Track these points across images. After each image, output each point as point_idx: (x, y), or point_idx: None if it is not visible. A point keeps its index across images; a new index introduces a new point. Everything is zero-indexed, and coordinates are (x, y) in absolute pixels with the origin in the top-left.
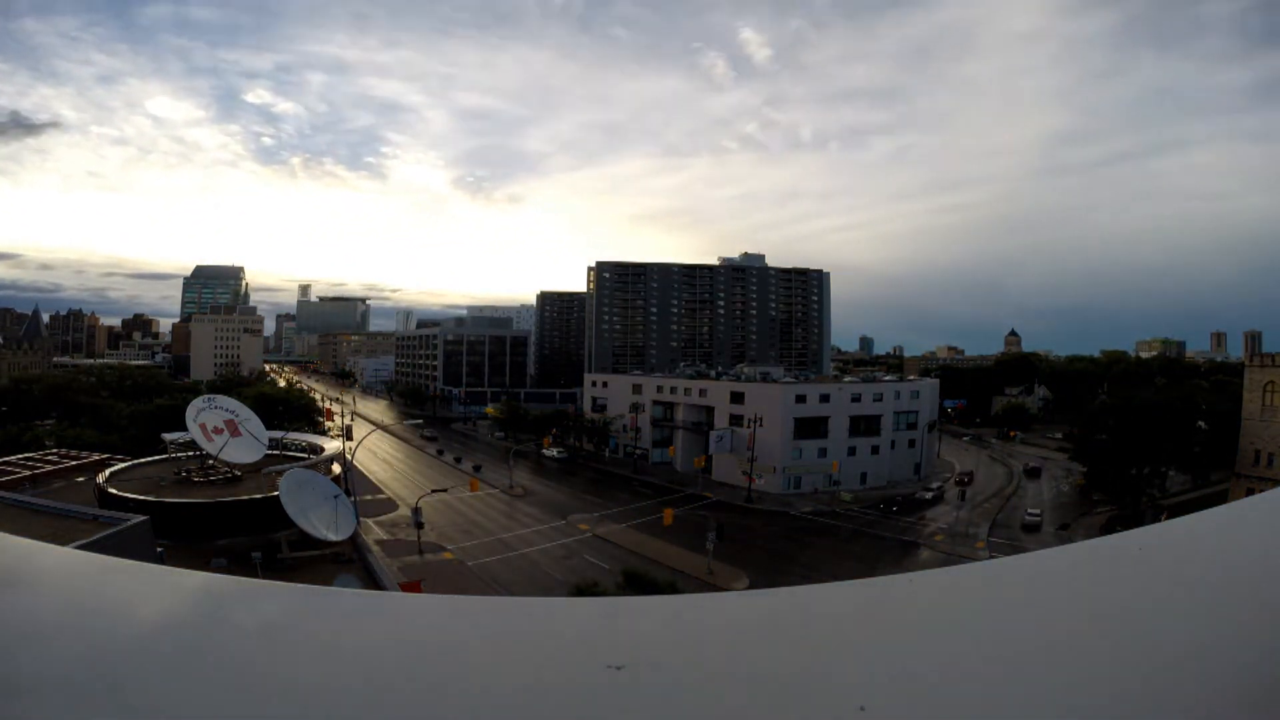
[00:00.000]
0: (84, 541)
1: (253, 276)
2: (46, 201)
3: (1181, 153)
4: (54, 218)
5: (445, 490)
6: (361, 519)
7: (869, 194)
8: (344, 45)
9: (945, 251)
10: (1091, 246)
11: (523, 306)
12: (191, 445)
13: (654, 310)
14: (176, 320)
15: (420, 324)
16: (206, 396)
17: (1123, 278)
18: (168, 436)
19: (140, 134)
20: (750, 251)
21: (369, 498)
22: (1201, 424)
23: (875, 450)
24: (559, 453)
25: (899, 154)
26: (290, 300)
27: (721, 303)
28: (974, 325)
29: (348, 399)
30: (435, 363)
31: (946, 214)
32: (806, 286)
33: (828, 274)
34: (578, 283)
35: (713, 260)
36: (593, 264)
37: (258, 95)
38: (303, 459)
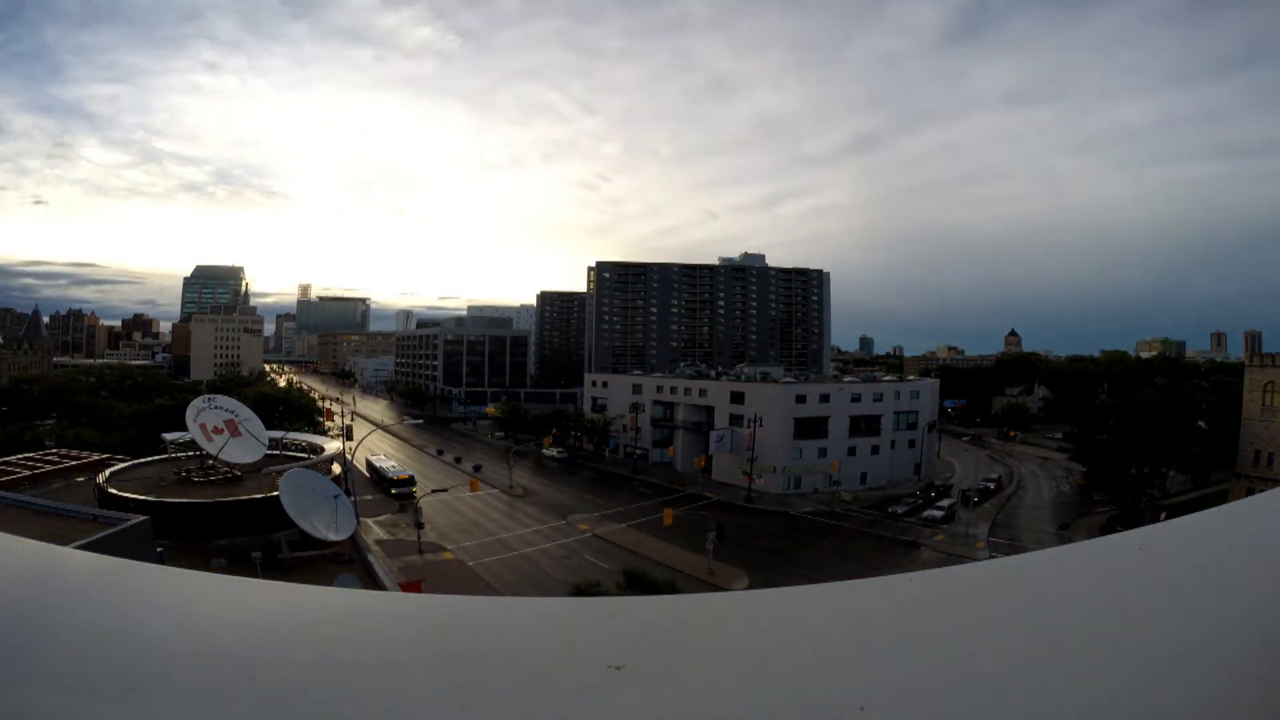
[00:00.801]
0: (84, 541)
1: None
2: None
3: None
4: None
5: (445, 490)
6: (361, 519)
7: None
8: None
9: (946, 251)
10: (1093, 246)
11: (523, 306)
12: (191, 445)
13: (654, 310)
14: (176, 320)
15: (420, 324)
16: (206, 396)
17: (1124, 277)
18: (168, 436)
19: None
20: (750, 251)
21: (369, 498)
22: (1201, 424)
23: (875, 450)
24: (559, 453)
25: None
26: (290, 300)
27: (721, 303)
28: (974, 325)
29: (348, 399)
30: (435, 363)
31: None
32: (806, 286)
33: (828, 274)
34: (576, 283)
35: (713, 260)
36: (593, 264)
37: None
38: (303, 459)
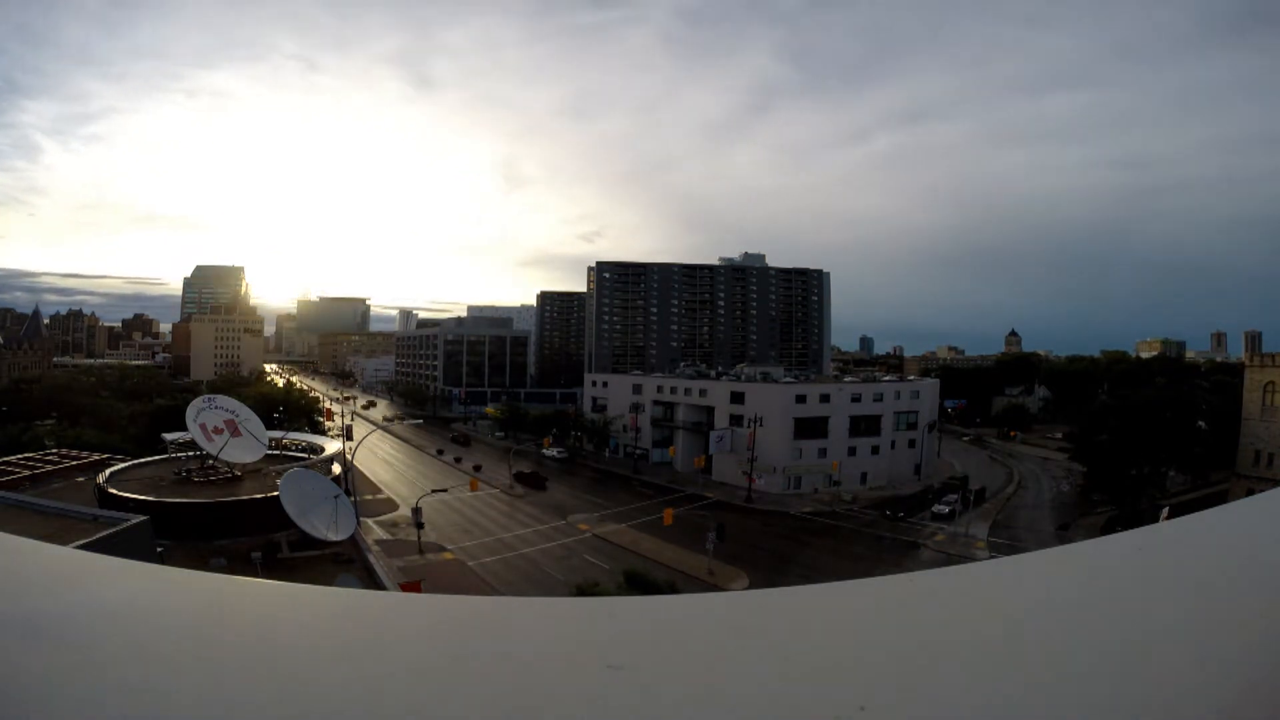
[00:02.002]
0: (84, 541)
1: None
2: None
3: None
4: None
5: (445, 490)
6: (361, 519)
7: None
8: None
9: (946, 251)
10: (1093, 245)
11: (523, 306)
12: (191, 445)
13: (654, 310)
14: (176, 320)
15: (420, 324)
16: (206, 396)
17: (1123, 277)
18: (168, 436)
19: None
20: (750, 251)
21: (369, 498)
22: (1201, 424)
23: (875, 450)
24: (559, 453)
25: (899, 154)
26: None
27: (721, 303)
28: (974, 325)
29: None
30: (435, 363)
31: (946, 212)
32: (806, 286)
33: (828, 274)
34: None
35: (713, 260)
36: (593, 264)
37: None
38: (303, 459)
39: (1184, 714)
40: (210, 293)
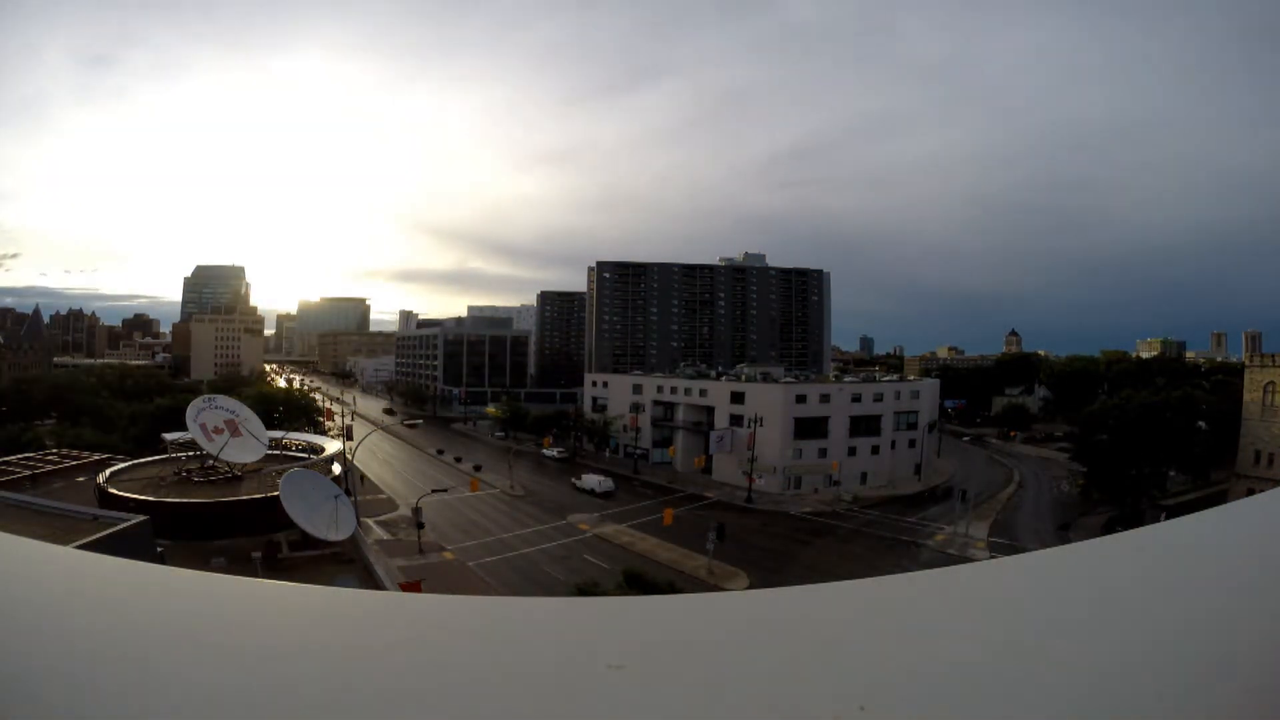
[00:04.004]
0: (84, 541)
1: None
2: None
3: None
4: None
5: (445, 490)
6: (361, 519)
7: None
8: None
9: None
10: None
11: (523, 306)
12: (191, 445)
13: (654, 310)
14: (176, 320)
15: (420, 324)
16: (206, 396)
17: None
18: (168, 436)
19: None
20: (751, 251)
21: (369, 498)
22: (1201, 424)
23: (875, 450)
24: (559, 453)
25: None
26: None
27: (721, 303)
28: (974, 325)
29: (348, 399)
30: (435, 363)
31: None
32: (806, 286)
33: (828, 274)
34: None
35: (713, 260)
36: (593, 264)
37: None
38: (303, 459)
39: (1184, 714)
40: (210, 293)
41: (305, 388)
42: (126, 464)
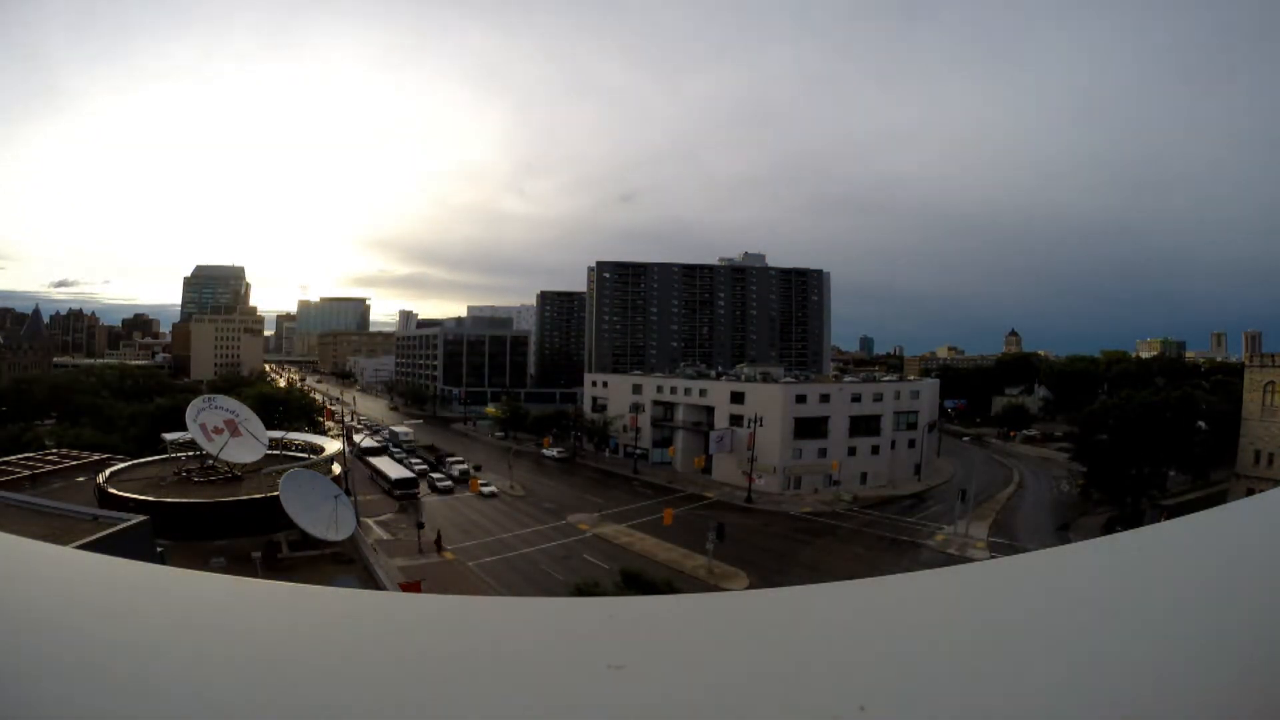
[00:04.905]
0: (84, 541)
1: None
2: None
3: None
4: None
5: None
6: (361, 519)
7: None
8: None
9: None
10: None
11: (523, 306)
12: (191, 445)
13: (654, 310)
14: (176, 320)
15: (420, 324)
16: (206, 396)
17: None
18: (168, 436)
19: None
20: (750, 251)
21: (369, 498)
22: (1201, 424)
23: (875, 450)
24: (559, 452)
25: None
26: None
27: (721, 303)
28: (974, 325)
29: (348, 398)
30: (435, 363)
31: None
32: (806, 286)
33: (828, 274)
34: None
35: (713, 260)
36: (593, 264)
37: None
38: (303, 459)
39: (1184, 714)
40: (210, 293)
41: (305, 387)
42: (126, 464)
